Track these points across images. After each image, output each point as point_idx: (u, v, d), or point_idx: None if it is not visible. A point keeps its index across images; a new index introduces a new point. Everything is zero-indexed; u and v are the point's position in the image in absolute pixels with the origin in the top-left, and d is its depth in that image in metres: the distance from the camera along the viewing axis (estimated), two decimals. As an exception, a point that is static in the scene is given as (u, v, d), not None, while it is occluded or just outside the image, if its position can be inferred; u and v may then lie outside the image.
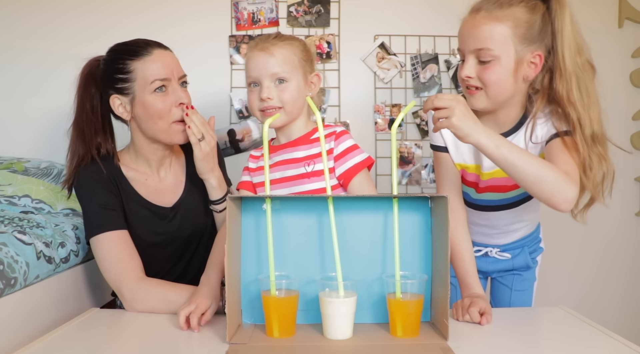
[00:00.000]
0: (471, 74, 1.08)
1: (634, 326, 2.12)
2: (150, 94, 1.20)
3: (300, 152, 1.18)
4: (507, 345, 0.92)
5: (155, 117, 1.21)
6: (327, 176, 0.96)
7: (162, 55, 1.23)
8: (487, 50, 1.05)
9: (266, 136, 0.96)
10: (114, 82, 1.22)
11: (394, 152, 1.00)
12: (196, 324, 0.98)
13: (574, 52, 1.05)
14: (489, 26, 1.04)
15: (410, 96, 2.01)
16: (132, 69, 1.20)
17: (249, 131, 1.99)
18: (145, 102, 1.20)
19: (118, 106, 1.24)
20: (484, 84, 1.08)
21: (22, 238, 1.18)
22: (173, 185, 1.34)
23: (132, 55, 1.21)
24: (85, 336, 0.98)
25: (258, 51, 1.15)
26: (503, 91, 1.08)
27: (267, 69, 1.14)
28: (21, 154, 1.86)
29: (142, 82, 1.20)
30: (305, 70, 1.19)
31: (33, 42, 1.96)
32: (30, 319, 1.14)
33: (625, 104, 2.09)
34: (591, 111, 1.05)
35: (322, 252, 1.01)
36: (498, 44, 1.04)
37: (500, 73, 1.06)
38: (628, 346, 0.90)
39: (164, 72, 1.21)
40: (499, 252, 1.34)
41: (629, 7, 2.05)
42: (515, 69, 1.06)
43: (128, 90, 1.21)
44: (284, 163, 1.19)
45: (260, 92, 1.14)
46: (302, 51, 1.19)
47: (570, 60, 1.05)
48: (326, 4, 1.99)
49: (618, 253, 2.13)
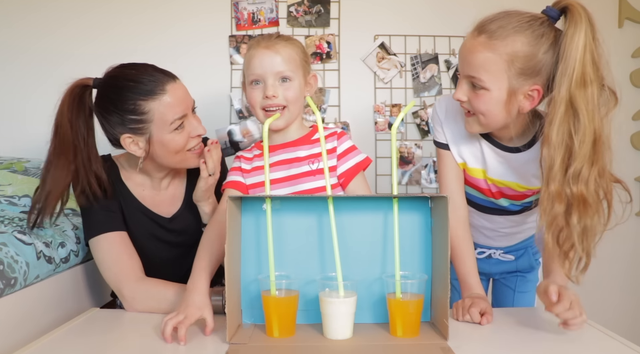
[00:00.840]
0: (462, 98, 1.04)
1: (634, 326, 2.12)
2: (169, 133, 1.16)
3: (302, 151, 1.18)
4: (507, 345, 0.92)
5: (173, 151, 1.18)
6: (327, 176, 0.96)
7: (176, 91, 1.17)
8: (478, 79, 0.99)
9: (266, 136, 0.96)
10: (125, 122, 1.15)
11: (394, 152, 1.00)
12: (184, 335, 0.92)
13: (576, 85, 0.93)
14: (484, 55, 0.98)
15: (410, 96, 2.01)
16: (147, 110, 1.14)
17: (249, 130, 1.99)
18: (164, 140, 1.16)
19: (130, 144, 1.18)
20: (475, 112, 1.04)
21: (22, 238, 1.19)
22: (172, 197, 1.33)
23: (145, 95, 1.14)
24: (85, 336, 0.98)
25: (263, 49, 1.14)
26: (494, 120, 1.03)
27: (273, 67, 1.13)
28: (21, 154, 1.86)
29: (160, 123, 1.15)
30: (305, 70, 1.20)
31: (33, 42, 1.96)
32: (30, 319, 1.14)
33: (625, 104, 2.09)
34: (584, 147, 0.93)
35: (322, 252, 1.01)
36: (490, 75, 0.98)
37: (490, 104, 1.00)
38: (628, 346, 0.90)
39: (181, 109, 1.16)
40: (502, 254, 1.32)
41: (629, 7, 2.05)
42: (508, 101, 1.00)
43: (143, 130, 1.16)
44: (286, 162, 1.19)
45: (264, 89, 1.14)
46: (302, 52, 1.20)
47: (564, 93, 0.93)
48: (326, 4, 1.99)
49: (618, 253, 2.13)
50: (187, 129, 1.19)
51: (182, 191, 1.35)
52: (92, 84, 1.21)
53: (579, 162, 0.93)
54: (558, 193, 0.94)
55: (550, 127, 0.94)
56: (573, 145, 0.93)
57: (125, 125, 1.15)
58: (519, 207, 1.19)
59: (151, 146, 1.17)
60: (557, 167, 0.94)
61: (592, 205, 0.94)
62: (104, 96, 1.18)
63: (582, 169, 0.93)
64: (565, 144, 0.94)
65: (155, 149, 1.18)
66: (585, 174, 0.93)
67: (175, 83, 1.18)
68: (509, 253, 1.32)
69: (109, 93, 1.17)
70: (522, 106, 1.01)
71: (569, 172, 0.93)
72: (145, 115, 1.14)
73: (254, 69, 1.15)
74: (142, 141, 1.17)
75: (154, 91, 1.14)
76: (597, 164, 0.94)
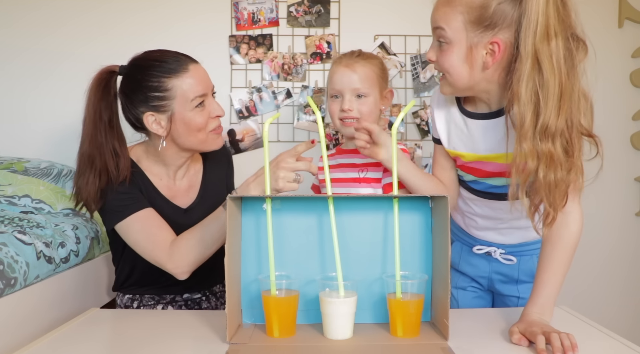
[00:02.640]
0: (432, 57, 1.05)
1: (634, 326, 2.12)
2: (191, 111, 1.20)
3: (358, 159, 1.30)
4: (507, 345, 0.92)
5: (195, 131, 1.22)
6: (327, 172, 0.96)
7: (198, 70, 1.23)
8: (440, 29, 1.00)
9: (266, 136, 0.96)
10: (148, 100, 1.20)
11: (394, 152, 1.00)
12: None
13: (540, 38, 0.91)
14: (443, 9, 1.00)
15: (410, 96, 2.01)
16: (170, 87, 1.19)
17: (249, 130, 1.99)
18: (185, 118, 1.20)
19: (152, 123, 1.21)
20: (442, 70, 1.05)
21: (22, 238, 1.19)
22: (187, 188, 1.35)
23: (169, 73, 1.19)
24: (85, 336, 0.98)
25: (343, 67, 1.27)
26: (459, 77, 1.02)
27: (350, 84, 1.26)
28: (21, 154, 1.86)
29: (182, 99, 1.19)
30: (381, 86, 1.31)
31: (33, 41, 1.96)
32: (31, 319, 1.14)
33: (625, 104, 2.10)
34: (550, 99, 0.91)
35: (322, 252, 1.01)
36: (450, 29, 0.99)
37: (452, 59, 1.01)
38: (628, 346, 0.90)
39: (202, 88, 1.21)
40: (503, 255, 1.24)
41: (629, 7, 2.05)
42: (469, 55, 0.99)
43: (165, 107, 1.20)
44: (345, 166, 1.33)
45: (342, 103, 1.26)
46: (380, 69, 1.31)
47: (530, 47, 0.91)
48: (326, 4, 1.99)
49: (618, 253, 2.13)
50: (208, 108, 1.23)
51: (198, 182, 1.36)
52: (117, 70, 1.25)
53: (545, 117, 0.91)
54: (531, 150, 0.93)
55: (519, 83, 0.93)
56: (539, 100, 0.92)
57: (148, 103, 1.20)
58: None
59: (173, 124, 1.21)
60: (527, 124, 0.92)
61: (557, 160, 0.92)
62: (130, 76, 1.23)
63: (548, 124, 0.91)
64: (534, 101, 0.92)
65: (177, 127, 1.21)
66: (552, 129, 0.91)
67: (197, 64, 1.24)
68: (511, 254, 1.24)
69: (134, 73, 1.22)
70: (486, 61, 0.99)
71: (537, 128, 0.92)
72: (168, 92, 1.19)
73: (334, 85, 1.28)
74: (164, 119, 1.21)
75: (177, 69, 1.19)
76: (563, 116, 0.92)
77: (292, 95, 1.99)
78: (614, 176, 2.12)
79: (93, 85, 1.23)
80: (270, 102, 1.99)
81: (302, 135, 1.99)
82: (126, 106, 1.24)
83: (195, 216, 1.32)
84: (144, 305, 1.33)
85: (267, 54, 1.98)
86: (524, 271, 1.24)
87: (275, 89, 1.99)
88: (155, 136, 1.26)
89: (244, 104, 1.98)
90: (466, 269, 1.30)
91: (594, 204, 2.12)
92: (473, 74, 1.01)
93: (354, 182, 1.29)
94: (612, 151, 2.15)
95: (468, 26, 0.97)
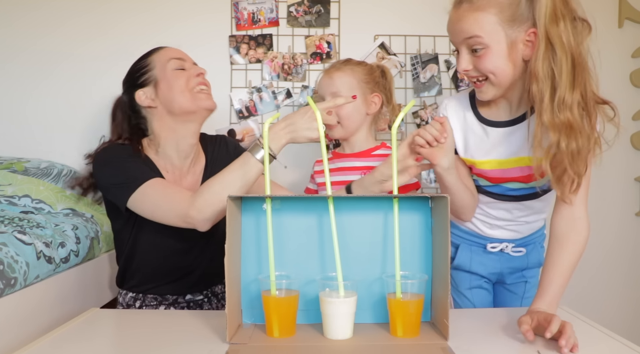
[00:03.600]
0: (467, 66, 1.08)
1: (634, 326, 2.12)
2: (171, 73, 1.30)
3: (359, 162, 1.39)
4: (507, 345, 0.92)
5: (179, 90, 1.29)
6: (328, 175, 0.96)
7: (173, 48, 1.36)
8: (475, 37, 1.04)
9: (266, 136, 0.96)
10: (135, 80, 1.32)
11: (394, 152, 1.00)
12: None
13: (549, 21, 1.00)
14: (474, 16, 1.03)
15: (410, 96, 2.01)
16: (149, 62, 1.32)
17: (249, 130, 1.99)
18: (167, 79, 1.29)
19: (144, 99, 1.31)
20: (483, 74, 1.07)
21: (22, 238, 1.19)
22: (191, 184, 1.36)
23: (148, 54, 1.35)
24: (85, 336, 0.98)
25: (324, 74, 1.41)
26: (504, 76, 1.06)
27: (328, 89, 1.38)
28: (21, 154, 1.86)
29: (160, 66, 1.31)
30: (365, 91, 1.39)
31: (32, 41, 1.96)
32: (31, 319, 1.14)
33: (625, 104, 2.09)
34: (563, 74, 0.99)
35: (322, 252, 1.01)
36: (486, 32, 1.03)
37: (495, 60, 1.04)
38: (628, 346, 0.90)
39: (178, 54, 1.34)
40: (514, 248, 1.30)
41: (629, 7, 2.04)
42: (510, 52, 1.04)
43: (149, 78, 1.31)
44: (345, 169, 1.40)
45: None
46: (364, 74, 1.40)
47: (542, 29, 1.00)
48: (326, 4, 1.99)
49: (618, 253, 2.13)
50: (188, 71, 1.32)
51: (200, 180, 1.37)
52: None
53: (561, 91, 0.99)
54: (551, 123, 1.00)
55: (536, 62, 1.01)
56: (554, 76, 1.00)
57: (135, 83, 1.32)
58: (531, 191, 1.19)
59: (160, 91, 1.30)
60: (547, 100, 1.00)
61: (577, 128, 1.00)
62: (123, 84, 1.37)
63: (565, 96, 0.99)
64: (550, 77, 1.00)
65: (163, 92, 1.29)
66: (568, 100, 0.99)
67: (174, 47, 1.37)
68: (520, 246, 1.31)
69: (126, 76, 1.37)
70: (525, 53, 1.05)
71: (555, 102, 0.99)
72: (148, 66, 1.32)
73: (318, 89, 1.41)
74: (151, 91, 1.31)
75: (154, 50, 1.35)
76: (578, 88, 1.00)
77: (292, 95, 1.99)
78: (614, 176, 2.11)
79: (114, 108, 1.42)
80: (270, 102, 1.98)
81: (302, 135, 1.99)
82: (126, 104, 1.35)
83: None
84: (146, 305, 1.33)
85: (267, 54, 1.98)
86: (531, 260, 1.33)
87: (275, 89, 1.99)
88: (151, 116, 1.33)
89: (244, 104, 1.98)
90: (478, 268, 1.33)
91: (594, 204, 2.11)
92: (515, 69, 1.06)
93: None
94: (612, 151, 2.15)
95: (504, 25, 1.02)
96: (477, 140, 1.18)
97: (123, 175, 1.21)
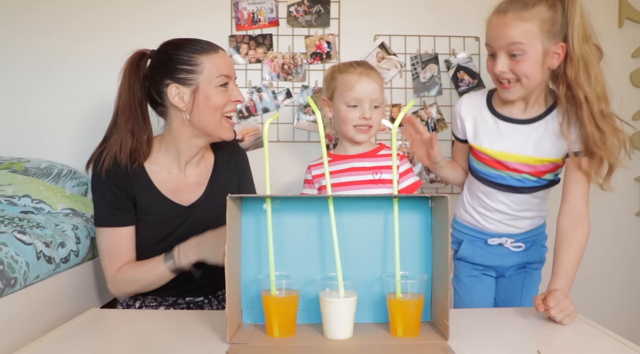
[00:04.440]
0: (504, 68, 1.22)
1: (634, 326, 2.12)
2: (214, 88, 1.27)
3: (368, 162, 1.43)
4: (507, 345, 0.92)
5: (213, 109, 1.28)
6: (328, 175, 0.96)
7: (226, 56, 1.33)
8: (519, 44, 1.18)
9: (266, 136, 0.96)
10: (176, 72, 1.26)
11: (394, 152, 1.00)
12: None
13: (582, 40, 1.18)
14: (519, 25, 1.18)
15: (410, 96, 2.01)
16: (200, 62, 1.26)
17: (249, 130, 1.99)
18: (208, 94, 1.27)
19: (174, 96, 1.27)
20: (517, 77, 1.22)
21: (22, 238, 1.19)
22: (195, 184, 1.36)
23: (200, 51, 1.27)
24: (85, 336, 0.98)
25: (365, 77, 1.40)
26: (534, 80, 1.23)
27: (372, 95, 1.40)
28: (21, 154, 1.86)
29: (209, 75, 1.27)
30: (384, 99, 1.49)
31: (33, 41, 1.96)
32: (30, 319, 1.14)
33: (625, 104, 2.09)
34: (597, 89, 1.19)
35: (322, 252, 1.01)
36: (528, 40, 1.18)
37: (531, 65, 1.20)
38: (628, 346, 0.90)
39: (228, 70, 1.30)
40: (513, 243, 1.39)
41: (629, 7, 2.04)
42: (543, 60, 1.20)
43: (191, 81, 1.26)
44: (353, 170, 1.43)
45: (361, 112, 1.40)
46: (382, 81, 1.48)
47: (578, 47, 1.18)
48: (326, 4, 1.99)
49: (618, 253, 2.13)
50: (230, 92, 1.31)
51: (207, 179, 1.37)
52: (149, 53, 1.33)
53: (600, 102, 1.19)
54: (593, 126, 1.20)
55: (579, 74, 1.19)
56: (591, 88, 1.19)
57: (174, 75, 1.26)
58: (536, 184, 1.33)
59: (195, 99, 1.27)
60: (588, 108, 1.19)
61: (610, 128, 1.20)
62: (161, 51, 1.31)
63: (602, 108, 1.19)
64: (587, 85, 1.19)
65: (198, 102, 1.27)
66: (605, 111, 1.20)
67: (226, 52, 1.34)
68: (520, 241, 1.39)
69: (167, 49, 1.30)
70: (552, 63, 1.22)
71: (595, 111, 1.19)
72: (197, 66, 1.26)
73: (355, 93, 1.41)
74: (187, 93, 1.27)
75: (207, 49, 1.28)
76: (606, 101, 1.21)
77: (292, 95, 1.99)
78: (614, 176, 2.11)
79: (126, 66, 1.30)
80: (270, 102, 1.98)
81: (302, 135, 1.99)
82: (152, 79, 1.29)
83: (197, 214, 1.32)
84: (146, 306, 1.33)
85: (267, 54, 1.98)
86: (531, 256, 1.41)
87: (275, 89, 1.99)
88: (173, 115, 1.30)
89: (244, 104, 1.98)
90: (481, 260, 1.43)
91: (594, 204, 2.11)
92: (543, 75, 1.24)
93: (369, 184, 1.41)
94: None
95: (542, 36, 1.19)
96: (488, 131, 1.34)
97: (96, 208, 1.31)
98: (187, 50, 1.27)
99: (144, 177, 1.30)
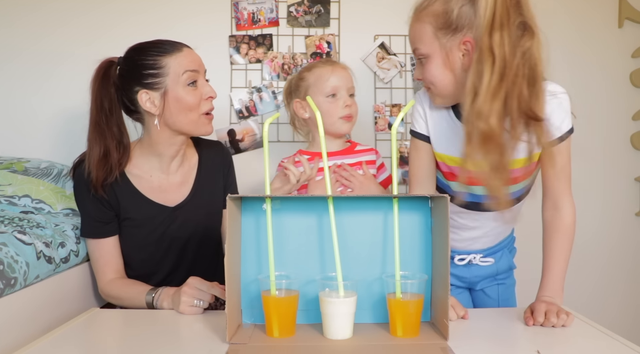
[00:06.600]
0: (417, 76, 1.12)
1: (634, 326, 2.12)
2: (183, 88, 1.25)
3: (350, 159, 1.47)
4: (507, 345, 0.92)
5: (187, 110, 1.25)
6: (328, 175, 0.96)
7: (191, 52, 1.30)
8: (417, 49, 1.08)
9: (266, 136, 0.96)
10: (143, 77, 1.24)
11: (394, 152, 1.00)
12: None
13: (484, 32, 0.96)
14: (413, 27, 1.08)
15: (410, 96, 2.01)
16: (164, 64, 1.24)
17: (249, 130, 1.99)
18: (178, 95, 1.25)
19: (146, 101, 1.25)
20: (427, 84, 1.11)
21: (22, 238, 1.19)
22: (180, 184, 1.35)
23: (163, 52, 1.25)
24: (85, 336, 0.98)
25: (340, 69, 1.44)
26: (444, 85, 1.07)
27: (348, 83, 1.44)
28: (21, 154, 1.86)
29: (174, 76, 1.24)
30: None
31: (32, 42, 1.96)
32: (30, 319, 1.14)
33: (625, 104, 2.09)
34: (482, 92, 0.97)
35: (322, 253, 1.01)
36: (424, 42, 1.06)
37: (433, 70, 1.06)
38: (628, 346, 0.90)
39: (193, 65, 1.27)
40: (482, 259, 1.30)
41: (629, 7, 2.04)
42: (446, 61, 1.05)
43: (159, 84, 1.24)
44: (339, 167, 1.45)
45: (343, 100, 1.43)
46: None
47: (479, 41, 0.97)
48: (326, 4, 1.99)
49: (618, 253, 2.13)
50: (200, 90, 1.28)
51: (192, 178, 1.36)
52: (117, 60, 1.30)
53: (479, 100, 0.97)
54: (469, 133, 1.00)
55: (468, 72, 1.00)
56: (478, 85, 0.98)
57: (142, 81, 1.24)
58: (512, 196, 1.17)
59: (166, 102, 1.25)
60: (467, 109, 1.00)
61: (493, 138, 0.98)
62: (126, 58, 1.28)
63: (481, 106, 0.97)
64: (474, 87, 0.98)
65: (169, 105, 1.25)
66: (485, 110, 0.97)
67: (191, 49, 1.31)
68: (488, 256, 1.31)
69: (131, 55, 1.28)
70: (464, 62, 1.04)
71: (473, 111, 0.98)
72: (162, 69, 1.24)
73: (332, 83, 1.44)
74: (157, 97, 1.25)
75: (171, 50, 1.26)
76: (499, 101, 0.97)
77: (292, 95, 1.99)
78: (614, 176, 2.12)
79: (95, 75, 1.28)
80: (270, 102, 1.99)
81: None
82: (121, 88, 1.27)
83: (184, 215, 1.32)
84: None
85: (267, 54, 1.98)
86: (501, 267, 1.34)
87: (275, 89, 1.99)
88: (149, 120, 1.28)
89: (244, 104, 1.98)
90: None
91: (594, 204, 2.12)
92: (456, 78, 1.06)
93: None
94: (612, 151, 2.15)
95: (438, 34, 1.03)
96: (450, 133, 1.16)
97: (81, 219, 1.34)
98: (151, 54, 1.25)
99: (125, 183, 1.30)
